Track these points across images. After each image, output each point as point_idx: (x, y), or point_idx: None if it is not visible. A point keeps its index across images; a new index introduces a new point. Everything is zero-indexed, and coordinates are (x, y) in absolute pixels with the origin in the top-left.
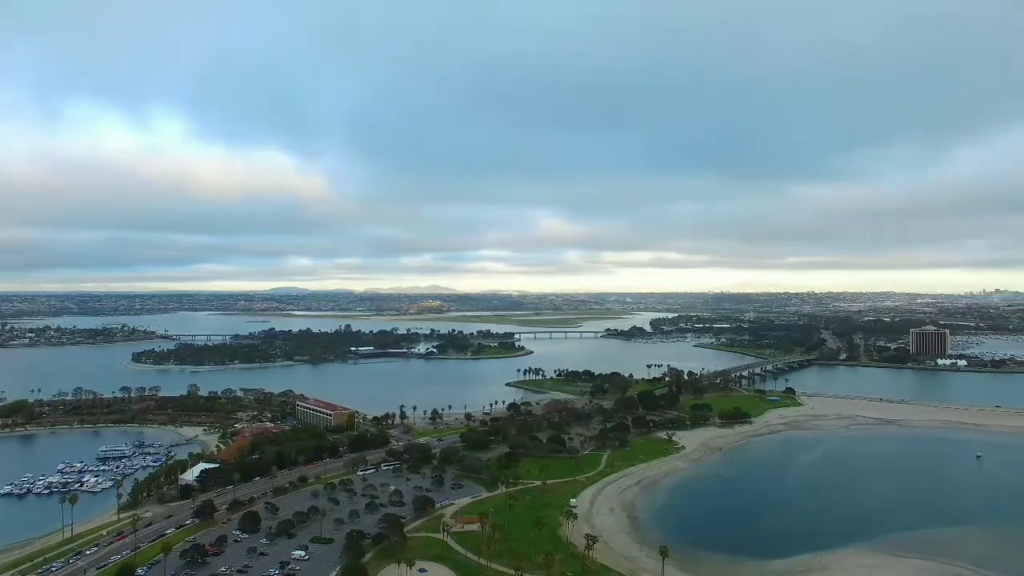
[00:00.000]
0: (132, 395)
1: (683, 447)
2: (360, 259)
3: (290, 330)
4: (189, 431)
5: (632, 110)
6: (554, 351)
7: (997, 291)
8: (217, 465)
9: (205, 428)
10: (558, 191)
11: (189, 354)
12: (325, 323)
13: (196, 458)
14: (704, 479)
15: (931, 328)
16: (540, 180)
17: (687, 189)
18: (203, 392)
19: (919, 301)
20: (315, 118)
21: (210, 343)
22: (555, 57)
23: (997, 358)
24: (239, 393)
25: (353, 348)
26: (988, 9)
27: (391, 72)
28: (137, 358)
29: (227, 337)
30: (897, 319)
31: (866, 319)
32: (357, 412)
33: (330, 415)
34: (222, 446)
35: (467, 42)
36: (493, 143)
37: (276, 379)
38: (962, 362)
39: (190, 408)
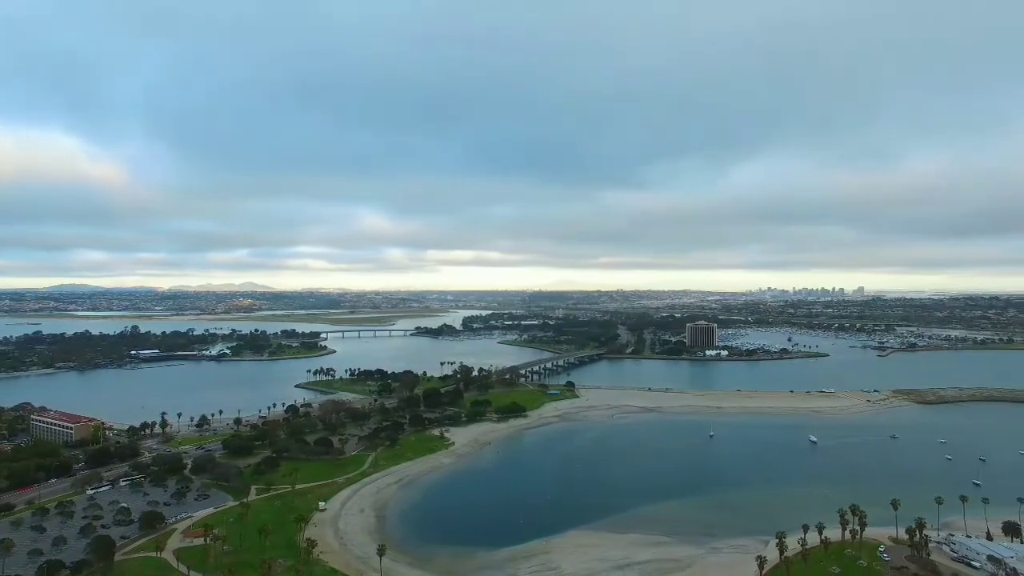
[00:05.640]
0: None
1: (453, 443)
2: (165, 254)
3: (63, 333)
4: None
5: (454, 113)
6: (359, 350)
7: (769, 289)
8: None
9: None
10: (382, 189)
11: None
12: (112, 324)
13: None
14: (464, 474)
15: (703, 323)
16: (363, 177)
17: (509, 191)
18: None
19: (710, 298)
20: (109, 99)
21: None
22: (377, 57)
23: (751, 348)
24: None
25: (134, 351)
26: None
27: (200, 57)
28: None
29: None
30: (687, 315)
31: (661, 315)
32: (106, 423)
33: (71, 428)
34: None
35: (286, 32)
36: (314, 138)
37: (25, 391)
38: (724, 352)
39: None
